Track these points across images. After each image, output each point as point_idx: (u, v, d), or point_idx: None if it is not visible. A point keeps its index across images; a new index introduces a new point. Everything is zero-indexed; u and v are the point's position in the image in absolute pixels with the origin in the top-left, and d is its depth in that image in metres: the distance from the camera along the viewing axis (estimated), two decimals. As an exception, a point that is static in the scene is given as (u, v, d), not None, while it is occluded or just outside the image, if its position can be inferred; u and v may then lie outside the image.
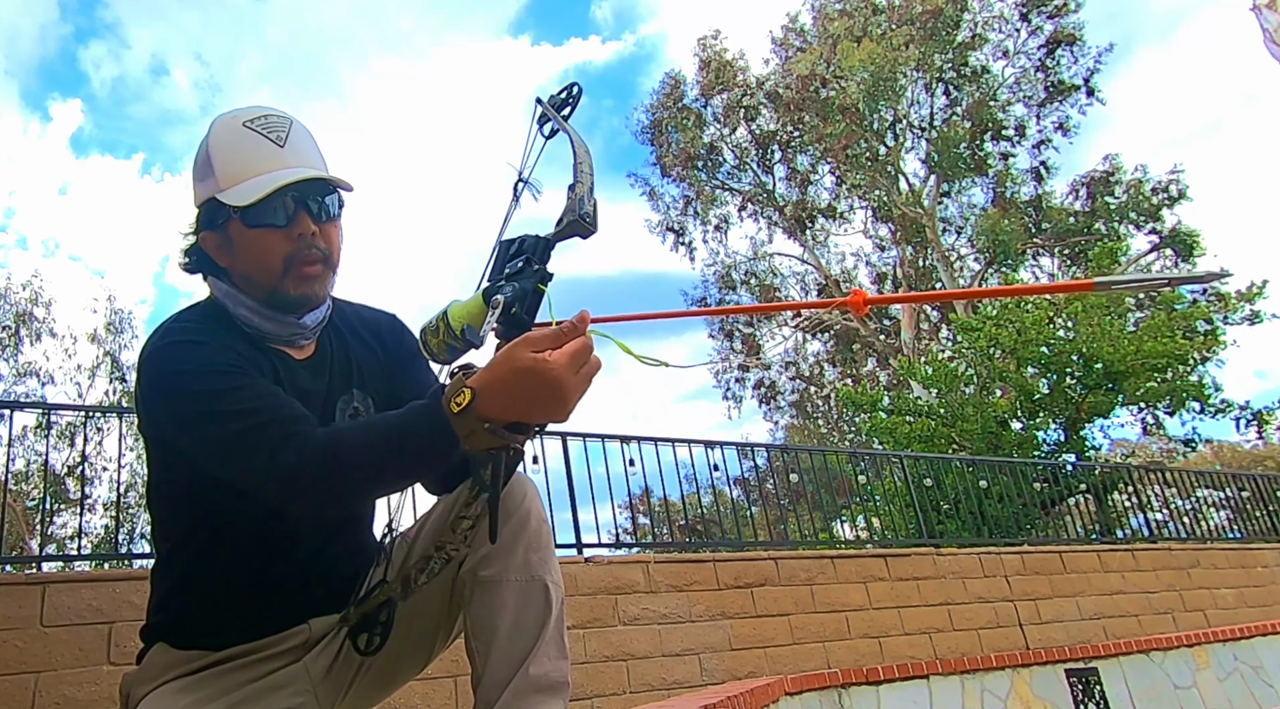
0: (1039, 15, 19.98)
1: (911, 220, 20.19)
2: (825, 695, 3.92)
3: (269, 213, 1.21)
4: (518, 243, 1.09)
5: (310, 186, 1.23)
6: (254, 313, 1.26)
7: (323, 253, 1.26)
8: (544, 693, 1.16)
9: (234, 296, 1.26)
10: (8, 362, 16.95)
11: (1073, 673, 4.74)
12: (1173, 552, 7.03)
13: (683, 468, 5.54)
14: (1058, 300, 13.58)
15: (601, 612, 4.23)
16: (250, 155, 1.22)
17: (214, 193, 1.22)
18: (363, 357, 1.38)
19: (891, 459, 7.64)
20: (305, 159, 1.25)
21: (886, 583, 5.37)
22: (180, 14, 29.93)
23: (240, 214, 1.22)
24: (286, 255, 1.23)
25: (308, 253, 1.24)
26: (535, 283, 1.04)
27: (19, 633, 2.97)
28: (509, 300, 1.02)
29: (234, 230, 1.24)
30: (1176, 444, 15.87)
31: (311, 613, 1.29)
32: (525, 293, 1.03)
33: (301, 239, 1.23)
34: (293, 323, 1.28)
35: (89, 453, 14.83)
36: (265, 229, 1.22)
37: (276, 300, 1.25)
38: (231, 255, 1.26)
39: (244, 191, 1.19)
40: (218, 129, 1.26)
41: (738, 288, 22.39)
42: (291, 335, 1.29)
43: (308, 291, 1.26)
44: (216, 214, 1.24)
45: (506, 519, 1.22)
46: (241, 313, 1.26)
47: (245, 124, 1.24)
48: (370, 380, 1.36)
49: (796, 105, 20.54)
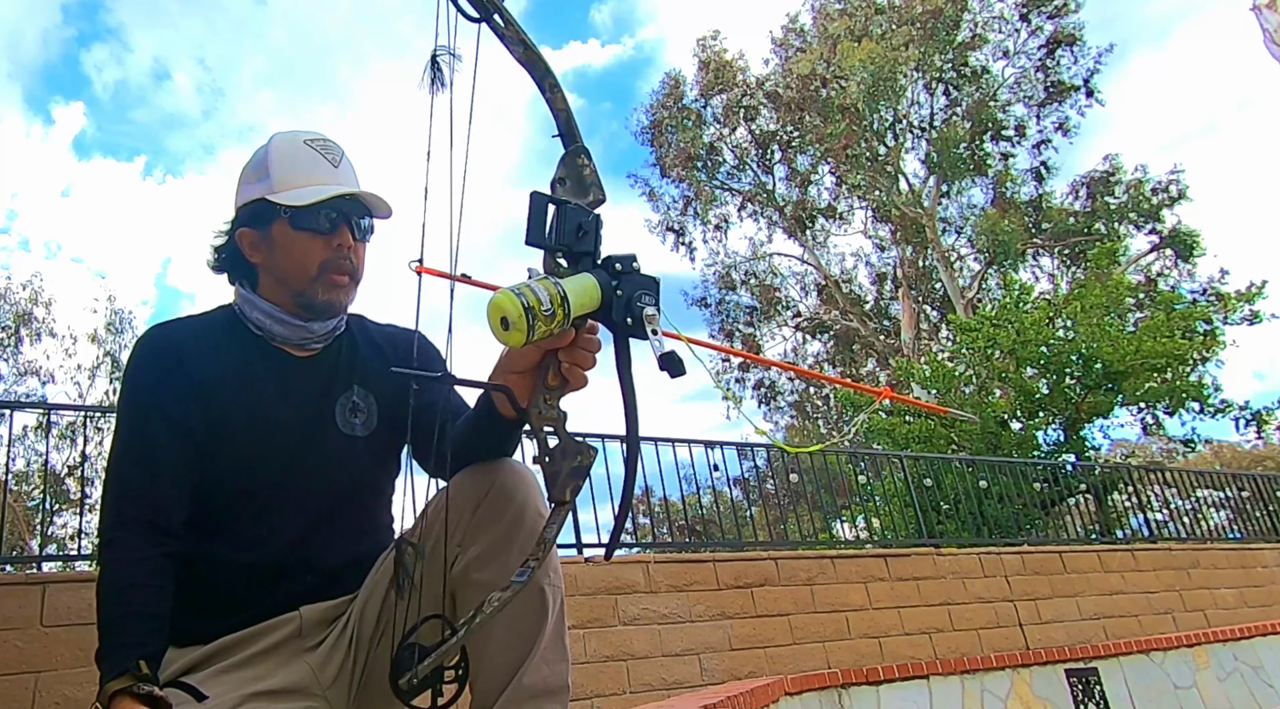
0: (1039, 15, 19.97)
1: (911, 220, 20.19)
2: (825, 695, 3.92)
3: (316, 219, 1.33)
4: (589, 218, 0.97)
5: (353, 206, 1.36)
6: (268, 315, 1.35)
7: (352, 265, 1.37)
8: (540, 698, 1.15)
9: (251, 301, 1.37)
10: (8, 362, 16.95)
11: (1073, 673, 4.74)
12: (1173, 552, 7.03)
13: (682, 468, 5.55)
14: (1056, 300, 13.58)
15: (601, 612, 4.23)
16: (307, 167, 1.35)
17: (266, 194, 1.33)
18: (370, 358, 1.43)
19: (891, 459, 7.63)
20: (353, 182, 1.38)
21: (886, 583, 5.37)
22: (182, 18, 29.92)
23: (290, 215, 1.33)
24: (323, 261, 1.34)
25: (341, 262, 1.35)
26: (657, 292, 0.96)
27: (19, 633, 2.97)
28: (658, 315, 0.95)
29: (278, 230, 1.35)
30: (1176, 444, 15.86)
31: (302, 600, 1.28)
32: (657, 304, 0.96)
33: (340, 249, 1.35)
34: (303, 327, 1.36)
35: (89, 453, 14.80)
36: (310, 233, 1.34)
37: (303, 302, 1.35)
38: (267, 254, 1.36)
39: (299, 195, 1.31)
40: (278, 141, 1.38)
41: (737, 288, 22.39)
42: (301, 339, 1.37)
43: (334, 299, 1.35)
44: (263, 213, 1.34)
45: (498, 517, 1.19)
46: (255, 316, 1.36)
47: (305, 142, 1.37)
48: (375, 382, 1.41)
49: (796, 105, 20.54)
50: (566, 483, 1.00)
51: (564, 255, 0.96)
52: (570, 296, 0.90)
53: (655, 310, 0.93)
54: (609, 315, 0.94)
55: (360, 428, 1.36)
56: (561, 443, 1.00)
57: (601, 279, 0.94)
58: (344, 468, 1.34)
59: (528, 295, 0.88)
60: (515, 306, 0.87)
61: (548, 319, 0.89)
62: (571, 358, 1.02)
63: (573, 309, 0.91)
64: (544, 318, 0.88)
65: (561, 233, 0.95)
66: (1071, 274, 19.51)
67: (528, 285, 0.89)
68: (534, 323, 0.88)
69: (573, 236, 0.95)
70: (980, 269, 19.94)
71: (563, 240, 0.95)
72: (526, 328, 0.88)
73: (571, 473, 1.00)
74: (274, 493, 1.30)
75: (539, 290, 0.89)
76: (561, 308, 0.90)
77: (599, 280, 0.94)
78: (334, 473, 1.33)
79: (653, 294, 0.94)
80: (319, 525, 1.32)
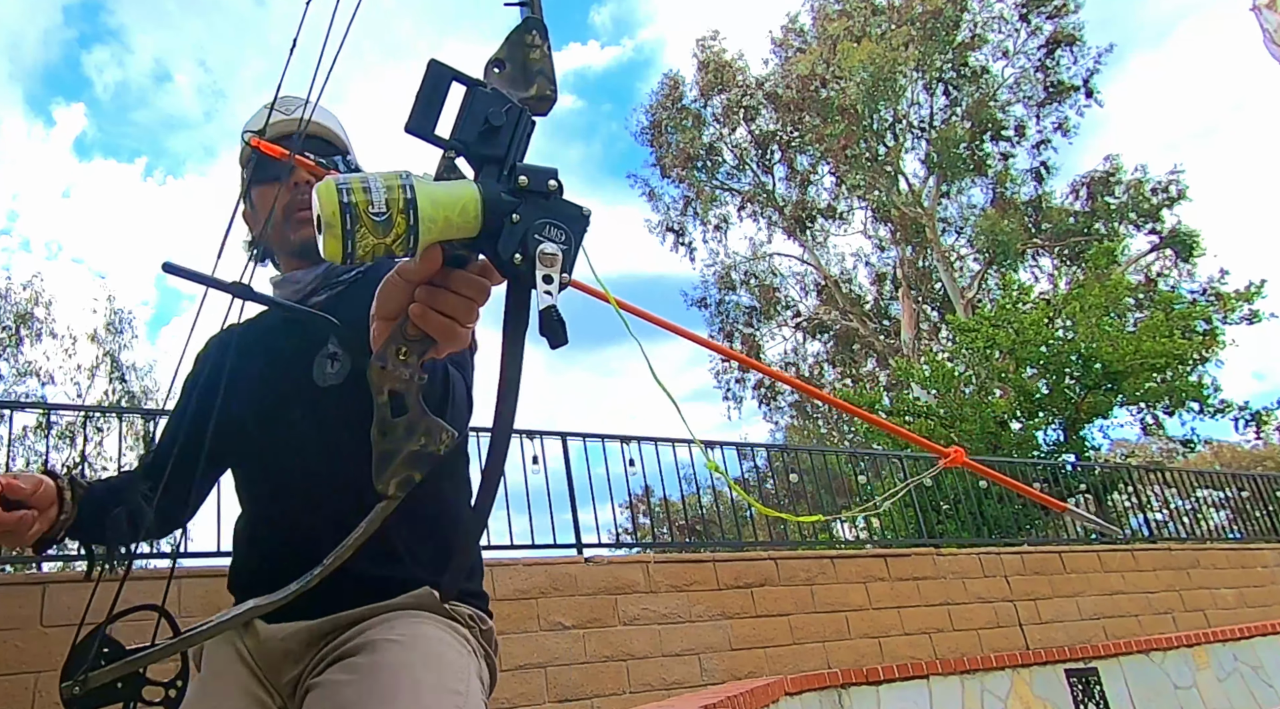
0: (1039, 15, 19.98)
1: (911, 220, 20.19)
2: (825, 695, 3.92)
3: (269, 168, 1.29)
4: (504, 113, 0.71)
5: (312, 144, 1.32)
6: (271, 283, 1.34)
7: None
8: None
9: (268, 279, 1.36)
10: (8, 362, 16.94)
11: (1073, 673, 4.74)
12: (1173, 552, 7.03)
13: (683, 468, 5.55)
14: (1056, 300, 13.59)
15: (601, 612, 4.23)
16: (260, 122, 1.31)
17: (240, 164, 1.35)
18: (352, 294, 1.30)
19: (891, 459, 7.64)
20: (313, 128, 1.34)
21: (886, 583, 5.37)
22: (183, 20, 29.91)
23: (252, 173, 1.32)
24: (285, 205, 1.30)
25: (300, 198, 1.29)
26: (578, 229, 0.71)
27: (19, 633, 2.97)
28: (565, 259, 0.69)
29: (255, 197, 1.35)
30: (1176, 444, 15.87)
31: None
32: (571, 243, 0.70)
33: (297, 187, 1.29)
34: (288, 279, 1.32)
35: (89, 453, 14.82)
36: (268, 183, 1.32)
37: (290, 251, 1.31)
38: (255, 223, 1.36)
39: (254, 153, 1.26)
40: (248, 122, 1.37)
41: (737, 288, 22.40)
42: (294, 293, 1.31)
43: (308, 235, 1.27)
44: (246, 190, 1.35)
45: None
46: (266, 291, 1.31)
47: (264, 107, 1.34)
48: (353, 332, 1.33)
49: (796, 105, 20.54)
50: (399, 470, 0.75)
51: (461, 157, 0.71)
52: (421, 204, 0.65)
53: (558, 250, 0.67)
54: (494, 248, 0.69)
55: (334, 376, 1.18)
56: (410, 415, 0.76)
57: (490, 195, 0.68)
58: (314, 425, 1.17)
59: (354, 189, 0.64)
60: (331, 200, 0.64)
61: (377, 229, 0.64)
62: (429, 298, 0.74)
63: (421, 223, 0.65)
64: (371, 225, 0.64)
65: (463, 125, 0.70)
66: (1071, 274, 19.51)
67: (360, 177, 0.65)
68: (353, 228, 0.64)
69: (474, 133, 0.70)
70: (980, 269, 19.95)
71: (461, 135, 0.70)
72: (342, 234, 0.64)
73: (410, 459, 0.75)
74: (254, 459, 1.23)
75: (373, 185, 0.65)
76: (403, 216, 0.65)
77: (485, 195, 0.68)
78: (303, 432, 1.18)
79: (566, 229, 0.69)
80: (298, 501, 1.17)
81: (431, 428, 0.76)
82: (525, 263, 0.68)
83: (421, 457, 0.75)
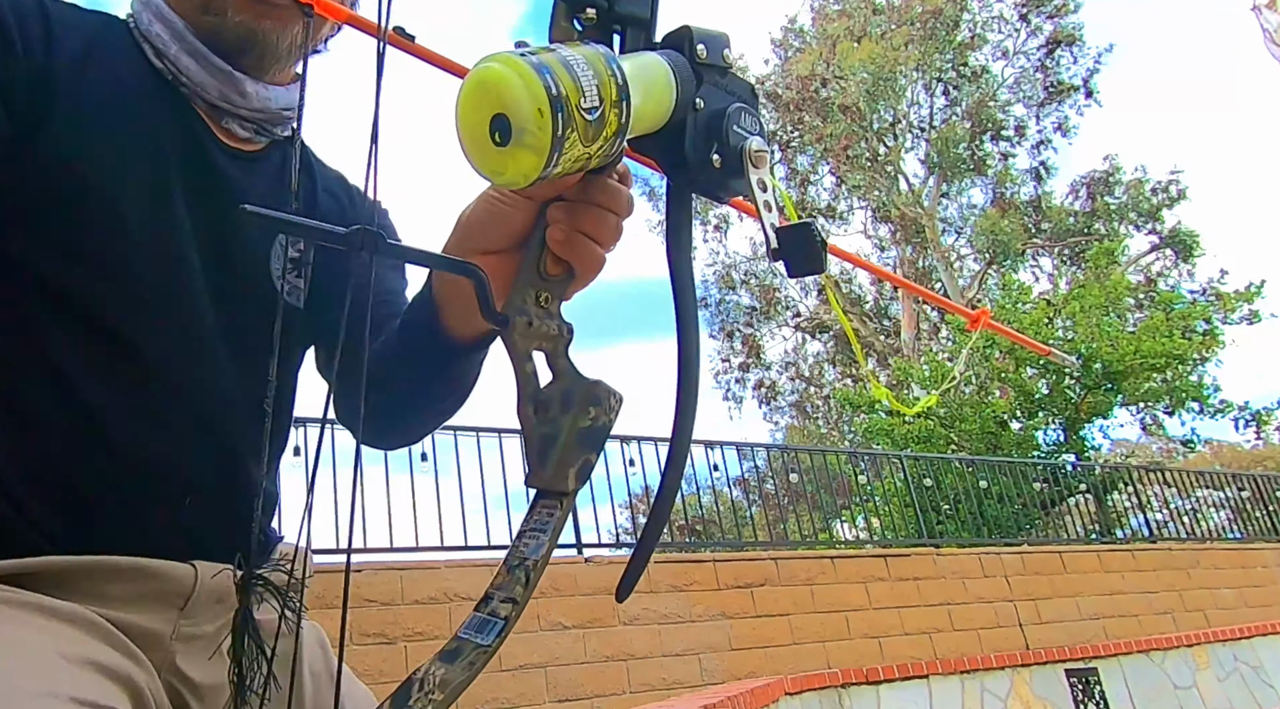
0: (1038, 15, 20.00)
1: (911, 220, 20.20)
2: (825, 695, 3.92)
3: None
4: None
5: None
6: (176, 37, 0.77)
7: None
8: None
9: (154, 6, 0.78)
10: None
11: (1073, 673, 4.74)
12: (1173, 552, 7.03)
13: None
14: (1056, 300, 13.60)
15: (601, 612, 4.23)
16: None
17: None
18: (326, 203, 0.90)
19: (891, 459, 7.64)
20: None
21: (886, 583, 5.37)
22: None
23: None
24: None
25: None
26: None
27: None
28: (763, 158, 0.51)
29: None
30: (1176, 444, 15.88)
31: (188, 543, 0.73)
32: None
33: None
34: (229, 76, 0.78)
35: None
36: None
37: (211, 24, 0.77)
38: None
39: None
40: None
41: (738, 288, 22.41)
42: (226, 99, 0.78)
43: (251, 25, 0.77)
44: None
45: None
46: (156, 31, 0.77)
47: None
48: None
49: (796, 105, 20.55)
50: (570, 457, 0.54)
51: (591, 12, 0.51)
52: (633, 91, 0.45)
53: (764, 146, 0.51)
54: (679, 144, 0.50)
55: (293, 291, 0.81)
56: (563, 382, 0.55)
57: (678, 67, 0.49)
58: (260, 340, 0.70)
59: (558, 74, 0.42)
60: (537, 92, 0.41)
61: (588, 131, 0.43)
62: (577, 220, 0.56)
63: (631, 117, 0.45)
64: (583, 128, 0.42)
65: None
66: (1071, 274, 19.53)
67: (557, 56, 0.43)
68: (564, 133, 0.42)
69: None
70: (980, 269, 19.96)
71: None
72: (550, 142, 0.41)
73: (579, 438, 0.54)
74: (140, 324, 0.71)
75: (577, 66, 0.43)
76: (615, 111, 0.44)
77: (674, 70, 0.49)
78: (249, 341, 0.75)
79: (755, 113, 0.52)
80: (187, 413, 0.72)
81: (597, 393, 0.55)
82: (727, 165, 0.51)
83: (593, 432, 0.54)
